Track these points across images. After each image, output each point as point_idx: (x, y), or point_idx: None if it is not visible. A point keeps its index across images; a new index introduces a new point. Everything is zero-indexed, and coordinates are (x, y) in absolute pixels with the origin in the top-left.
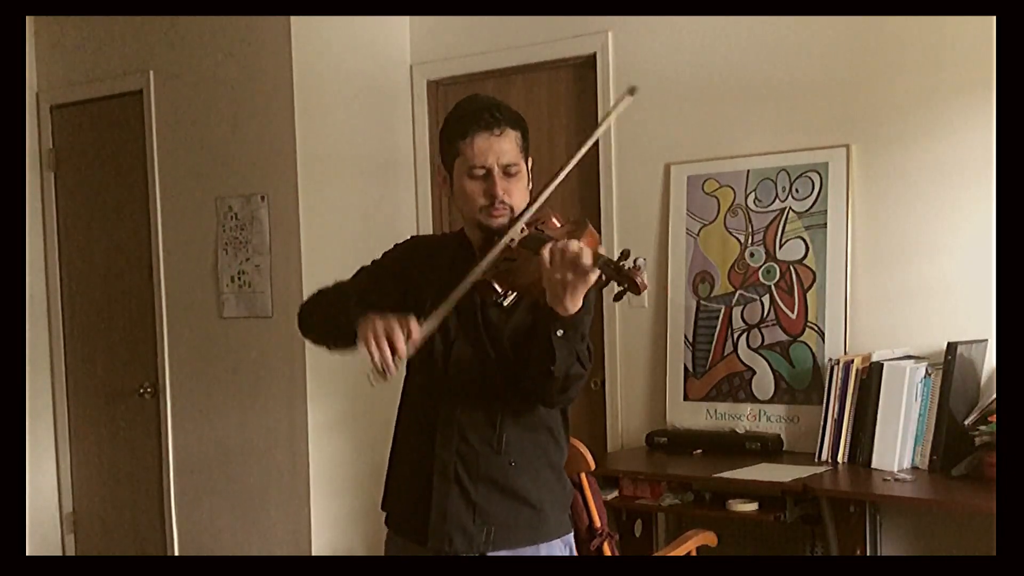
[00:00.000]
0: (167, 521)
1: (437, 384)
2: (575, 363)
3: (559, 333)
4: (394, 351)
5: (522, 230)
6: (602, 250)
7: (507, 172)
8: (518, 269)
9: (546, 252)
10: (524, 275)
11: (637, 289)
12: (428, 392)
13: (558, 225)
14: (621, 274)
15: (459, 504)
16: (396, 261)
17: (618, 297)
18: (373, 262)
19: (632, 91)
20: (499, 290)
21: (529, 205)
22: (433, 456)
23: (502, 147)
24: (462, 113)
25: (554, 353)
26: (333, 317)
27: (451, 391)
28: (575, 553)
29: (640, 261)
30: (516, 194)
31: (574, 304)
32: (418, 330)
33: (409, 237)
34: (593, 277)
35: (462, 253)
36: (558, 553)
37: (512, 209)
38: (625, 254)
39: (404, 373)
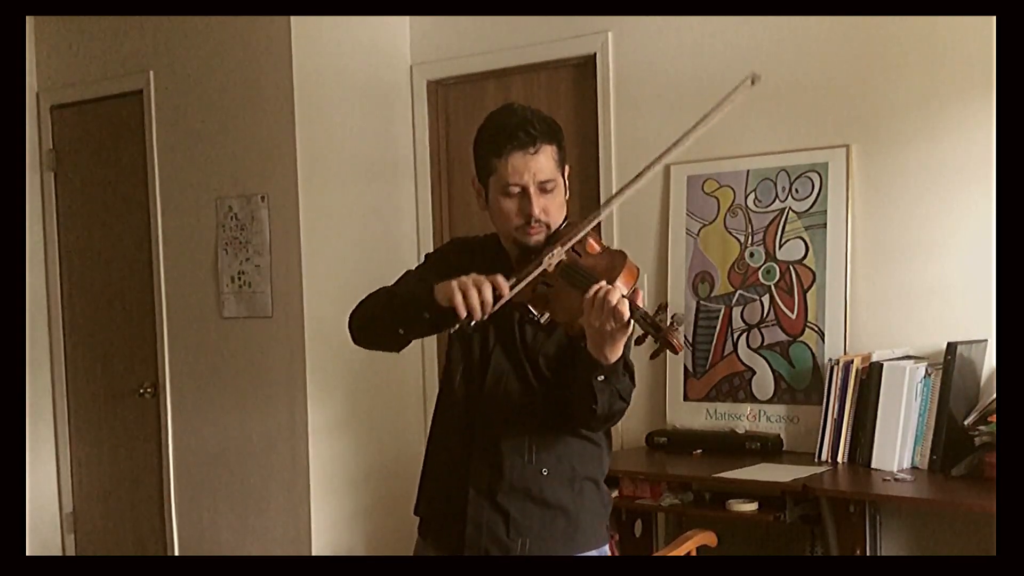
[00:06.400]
0: (167, 521)
1: (473, 397)
2: (618, 400)
3: (600, 379)
4: (483, 300)
5: (559, 254)
6: (640, 301)
7: (543, 188)
8: (555, 297)
9: (589, 296)
10: (559, 306)
11: (674, 350)
12: (463, 405)
13: (597, 249)
14: (659, 332)
15: (494, 516)
16: (440, 262)
17: (654, 355)
18: (418, 266)
19: (753, 80)
20: (535, 312)
21: (571, 231)
22: (468, 468)
23: (539, 164)
24: (497, 129)
25: (596, 396)
26: (397, 307)
27: (486, 404)
28: None
29: (679, 316)
30: (553, 211)
31: (614, 353)
32: (505, 285)
33: (451, 239)
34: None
35: (500, 261)
36: None
37: (548, 226)
38: (662, 307)
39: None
